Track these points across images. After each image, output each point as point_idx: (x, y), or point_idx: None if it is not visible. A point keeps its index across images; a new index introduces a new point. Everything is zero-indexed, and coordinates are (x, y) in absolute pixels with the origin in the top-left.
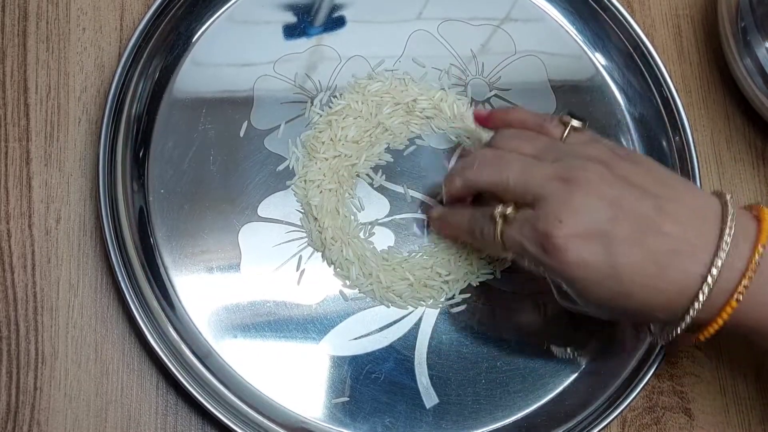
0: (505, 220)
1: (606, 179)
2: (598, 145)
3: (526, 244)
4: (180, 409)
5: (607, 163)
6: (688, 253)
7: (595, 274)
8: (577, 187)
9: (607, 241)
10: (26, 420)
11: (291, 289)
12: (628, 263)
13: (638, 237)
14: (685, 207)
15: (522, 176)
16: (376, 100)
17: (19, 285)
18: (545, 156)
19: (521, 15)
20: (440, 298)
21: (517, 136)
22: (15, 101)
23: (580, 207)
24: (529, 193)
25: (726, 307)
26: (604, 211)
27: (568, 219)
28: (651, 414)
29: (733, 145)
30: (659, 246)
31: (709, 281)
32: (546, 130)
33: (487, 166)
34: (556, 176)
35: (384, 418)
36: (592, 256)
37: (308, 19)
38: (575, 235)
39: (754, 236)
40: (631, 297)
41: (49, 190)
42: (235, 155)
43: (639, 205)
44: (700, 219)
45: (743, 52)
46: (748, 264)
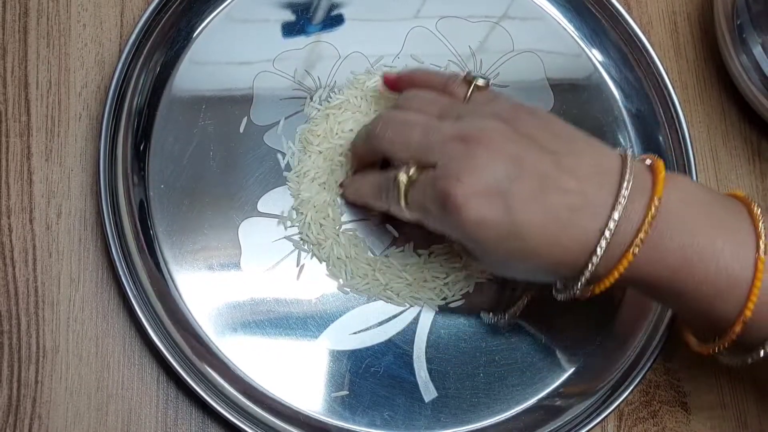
0: (409, 182)
1: (506, 136)
2: (499, 102)
3: (428, 205)
4: (180, 402)
5: (509, 120)
6: (587, 208)
7: (496, 232)
8: (476, 145)
9: (508, 199)
10: (27, 413)
11: (290, 284)
12: (530, 220)
13: (538, 194)
14: (586, 163)
15: (424, 137)
16: (375, 95)
17: (20, 279)
18: (447, 115)
19: (519, 12)
20: (438, 299)
21: (421, 96)
22: (16, 97)
23: (479, 165)
24: (431, 154)
25: (622, 260)
26: (504, 168)
27: (468, 177)
28: (648, 408)
29: (729, 140)
30: (559, 202)
31: (607, 235)
32: (450, 90)
33: (390, 129)
34: (456, 135)
35: (383, 412)
36: (492, 214)
37: (307, 17)
38: (475, 193)
39: (650, 190)
40: (534, 254)
41: (49, 185)
42: (234, 151)
43: (539, 162)
44: (599, 174)
45: (739, 49)
46: (644, 218)
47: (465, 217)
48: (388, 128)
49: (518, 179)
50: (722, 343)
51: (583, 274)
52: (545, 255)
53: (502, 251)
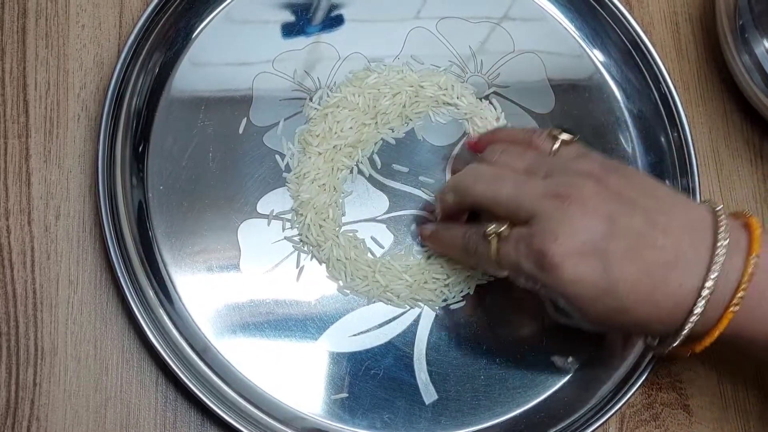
0: (500, 237)
1: (599, 195)
2: (588, 159)
3: (522, 262)
4: (179, 404)
5: (599, 178)
6: (682, 265)
7: (592, 290)
8: (570, 204)
9: (603, 258)
10: (26, 416)
11: (290, 286)
12: (624, 279)
13: (633, 252)
14: (677, 219)
15: (515, 193)
16: (374, 92)
17: (18, 281)
18: (537, 171)
19: (520, 13)
20: (439, 300)
21: (508, 150)
22: (14, 98)
23: (575, 224)
24: (522, 210)
25: (722, 319)
26: (599, 227)
27: (564, 236)
28: (650, 410)
29: (731, 141)
30: (654, 260)
31: (705, 294)
32: (536, 145)
33: (480, 182)
34: (549, 193)
35: (383, 414)
36: (589, 273)
37: (307, 18)
38: (571, 252)
39: (746, 246)
40: (628, 312)
41: (48, 186)
42: (234, 152)
43: (632, 220)
44: (692, 230)
45: (741, 50)
46: (742, 275)
47: (562, 275)
48: (479, 182)
49: (613, 237)
50: None
51: (680, 333)
52: (640, 312)
53: (597, 308)
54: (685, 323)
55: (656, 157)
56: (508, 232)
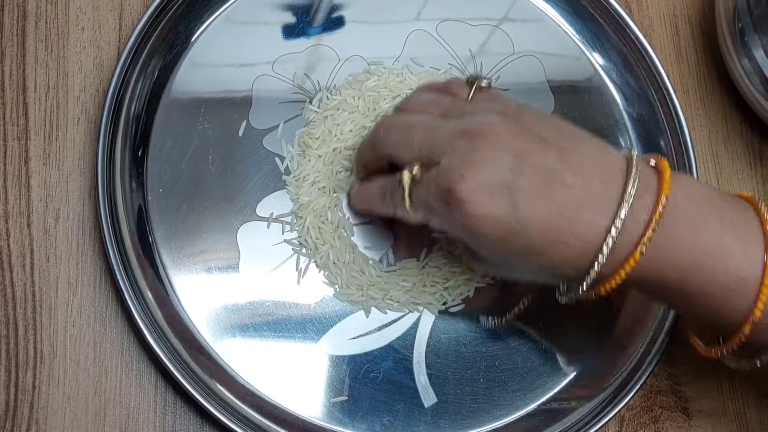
0: (414, 182)
1: (511, 131)
2: (502, 100)
3: (432, 202)
4: (179, 408)
5: (513, 116)
6: (592, 205)
7: (500, 228)
8: (480, 140)
9: (512, 194)
10: (25, 419)
11: (289, 288)
12: (535, 217)
13: (543, 189)
14: (590, 159)
15: (427, 137)
16: (373, 95)
17: (17, 284)
18: (450, 115)
19: (520, 15)
20: (438, 304)
21: (423, 98)
22: (14, 100)
23: (483, 159)
24: (434, 152)
25: (629, 259)
26: (508, 163)
27: (471, 172)
28: (649, 413)
29: (731, 144)
30: (564, 198)
31: (613, 233)
32: (452, 92)
33: (394, 131)
34: (460, 131)
35: (382, 417)
36: (497, 209)
37: (307, 20)
38: (478, 188)
39: (656, 188)
40: (538, 252)
41: (47, 189)
42: (233, 155)
43: (544, 157)
44: (604, 171)
45: (741, 53)
46: (651, 216)
47: (469, 211)
48: (391, 131)
49: (523, 174)
50: (730, 345)
51: (588, 274)
52: (549, 253)
53: (505, 249)
54: (593, 263)
55: None
56: (420, 175)
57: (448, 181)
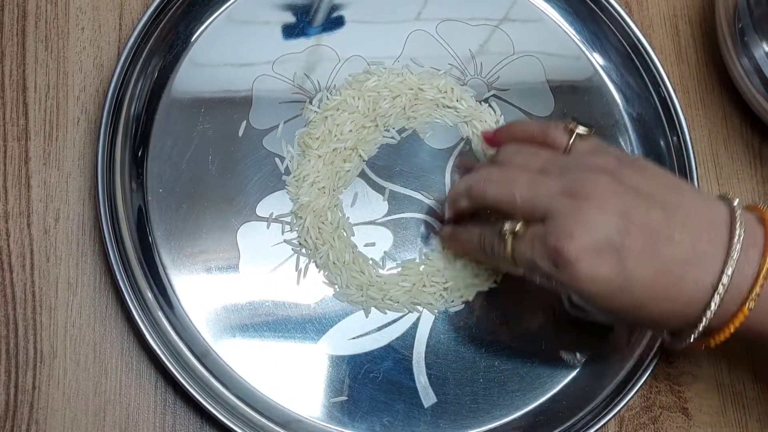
0: (515, 236)
1: (614, 190)
2: (603, 154)
3: (537, 260)
4: (179, 408)
5: (614, 173)
6: (699, 262)
7: (608, 287)
8: (585, 201)
9: (619, 254)
10: (25, 419)
11: (289, 288)
12: (641, 275)
13: (649, 248)
14: (694, 214)
15: (529, 193)
16: (373, 95)
17: (17, 284)
18: (551, 170)
19: (520, 15)
20: (438, 304)
21: (522, 151)
22: (14, 100)
23: (589, 221)
24: (537, 209)
25: (738, 314)
26: (615, 223)
27: (579, 233)
28: (648, 413)
29: (731, 144)
30: (670, 256)
31: (720, 291)
32: (551, 140)
33: (494, 184)
34: (563, 191)
35: (382, 418)
36: (605, 270)
37: (307, 19)
38: (586, 249)
39: (762, 241)
40: (645, 308)
41: (47, 189)
42: (233, 155)
43: (648, 216)
44: (709, 226)
45: (741, 53)
46: (758, 271)
47: (577, 273)
48: (491, 187)
49: (629, 234)
50: None
51: (696, 328)
52: (657, 308)
53: (614, 305)
54: (701, 319)
55: (656, 160)
56: (523, 231)
57: (556, 242)
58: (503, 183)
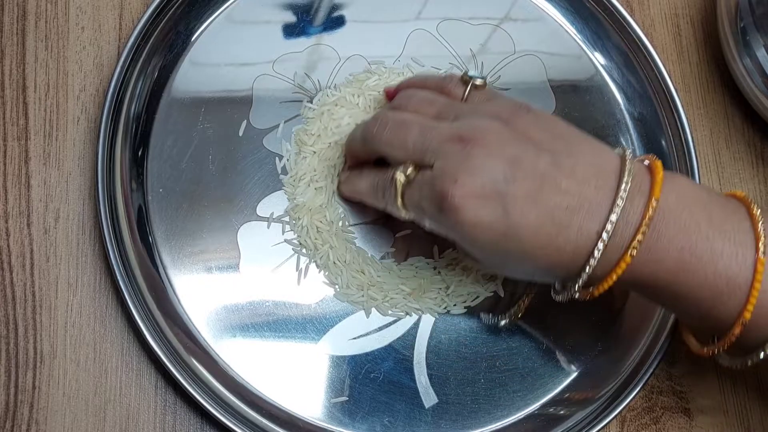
0: (407, 181)
1: (504, 136)
2: (498, 101)
3: (424, 205)
4: (179, 408)
5: (507, 120)
6: (584, 209)
7: (492, 233)
8: (474, 146)
9: (504, 201)
10: (25, 419)
11: (290, 288)
12: (526, 223)
13: (535, 195)
14: (584, 163)
15: (420, 138)
16: (374, 94)
17: (17, 284)
18: (445, 116)
19: (521, 14)
20: (439, 308)
21: (418, 96)
22: (13, 100)
23: (477, 166)
24: (428, 154)
25: (620, 262)
26: (502, 169)
27: (465, 178)
28: (650, 414)
29: (732, 144)
30: (556, 203)
31: (604, 237)
32: (447, 90)
33: (387, 129)
34: (454, 136)
35: (383, 418)
36: (489, 216)
37: (307, 19)
38: (471, 195)
39: (648, 192)
40: (529, 256)
41: (47, 189)
42: (233, 154)
43: (536, 163)
44: (598, 175)
45: (742, 52)
46: (642, 219)
47: (461, 218)
48: (385, 129)
49: (515, 180)
50: (722, 344)
51: (580, 276)
52: (541, 256)
53: (498, 252)
54: (585, 266)
55: None
56: (413, 175)
57: (441, 186)
58: (396, 126)
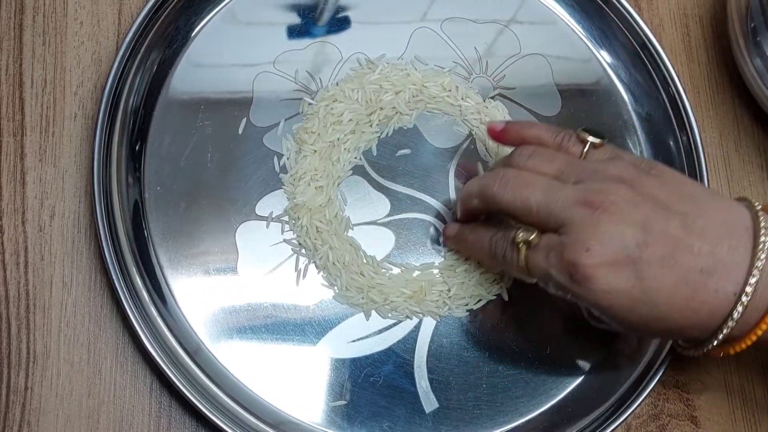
0: (529, 245)
1: (631, 201)
2: (620, 162)
3: (552, 272)
4: (174, 411)
5: (631, 182)
6: (720, 272)
7: (626, 300)
8: (602, 213)
9: (637, 267)
10: (17, 420)
11: (289, 289)
12: (660, 288)
13: (668, 260)
14: (715, 221)
15: (545, 200)
16: (374, 87)
17: (11, 282)
18: (567, 177)
19: (528, 15)
20: (441, 311)
21: (537, 154)
22: (10, 96)
23: (607, 234)
24: (552, 218)
25: (761, 323)
26: (632, 236)
27: (596, 247)
28: (656, 421)
29: (742, 146)
30: (691, 266)
31: (744, 300)
32: (565, 149)
33: (508, 187)
34: (580, 200)
35: (382, 423)
36: (623, 283)
37: (311, 18)
38: (604, 264)
39: None
40: (665, 319)
41: (43, 186)
42: (233, 153)
43: (667, 226)
44: (730, 233)
45: (753, 53)
46: None
47: (595, 287)
48: (506, 188)
49: (647, 245)
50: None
51: (716, 337)
52: (677, 319)
53: (633, 318)
54: (722, 328)
55: (665, 162)
56: (537, 240)
57: (571, 255)
58: (518, 186)
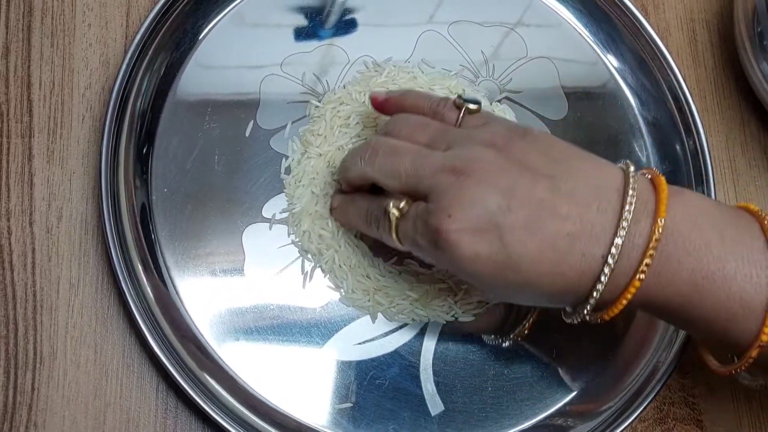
0: (400, 213)
1: (498, 166)
2: (492, 128)
3: (419, 240)
4: (180, 412)
5: (502, 147)
6: (587, 234)
7: (491, 266)
8: (466, 178)
9: (501, 232)
10: (23, 421)
11: (295, 292)
12: (525, 252)
13: (534, 224)
14: (584, 184)
15: (413, 168)
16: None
17: (18, 283)
18: (438, 144)
19: (534, 18)
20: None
21: (411, 121)
22: (18, 97)
23: (470, 200)
24: (421, 186)
25: (629, 286)
26: (497, 201)
27: (458, 213)
28: (662, 425)
29: (748, 151)
30: (556, 230)
31: (610, 262)
32: (441, 116)
33: (380, 157)
34: (446, 167)
35: (388, 425)
36: (486, 249)
37: (318, 21)
38: (466, 229)
39: (654, 210)
40: (533, 284)
41: (50, 187)
42: (240, 155)
43: (533, 190)
44: (599, 196)
45: (759, 57)
46: (648, 241)
47: (458, 253)
48: (378, 156)
49: (511, 211)
50: (741, 365)
51: (588, 302)
52: (546, 284)
53: (499, 283)
54: (592, 291)
55: (671, 166)
56: (407, 208)
57: (435, 222)
58: (388, 155)
